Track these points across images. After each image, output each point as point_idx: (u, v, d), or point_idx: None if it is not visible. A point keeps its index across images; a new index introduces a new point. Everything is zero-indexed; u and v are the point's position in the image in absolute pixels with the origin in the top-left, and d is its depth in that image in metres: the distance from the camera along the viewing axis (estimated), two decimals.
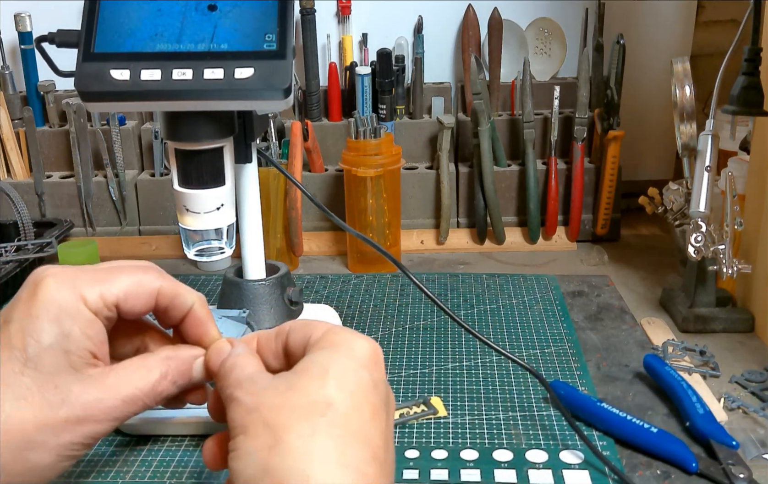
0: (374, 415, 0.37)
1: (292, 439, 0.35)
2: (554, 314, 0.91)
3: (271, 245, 1.05)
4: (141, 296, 0.43)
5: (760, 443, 0.66)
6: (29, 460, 0.39)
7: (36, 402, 0.39)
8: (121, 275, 0.42)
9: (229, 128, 0.67)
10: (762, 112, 0.80)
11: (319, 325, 0.42)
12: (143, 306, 0.43)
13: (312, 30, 1.19)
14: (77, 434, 0.39)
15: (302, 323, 0.42)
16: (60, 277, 0.40)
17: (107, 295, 0.41)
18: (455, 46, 1.27)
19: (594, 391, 0.75)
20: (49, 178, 1.19)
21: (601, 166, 1.14)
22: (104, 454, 0.67)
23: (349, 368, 0.38)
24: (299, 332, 0.42)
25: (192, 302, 0.44)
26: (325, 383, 0.37)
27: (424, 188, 1.16)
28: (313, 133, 1.14)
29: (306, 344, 0.41)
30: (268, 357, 0.43)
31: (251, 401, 0.37)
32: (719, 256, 0.83)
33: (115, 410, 0.40)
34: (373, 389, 0.38)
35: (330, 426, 0.36)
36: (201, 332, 0.45)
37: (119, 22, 0.64)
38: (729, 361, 0.81)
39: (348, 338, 0.40)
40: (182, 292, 0.44)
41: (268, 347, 0.43)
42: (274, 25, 0.63)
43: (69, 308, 0.40)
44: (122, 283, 0.42)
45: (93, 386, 0.40)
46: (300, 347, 0.41)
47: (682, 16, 1.24)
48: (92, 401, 0.40)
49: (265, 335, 0.44)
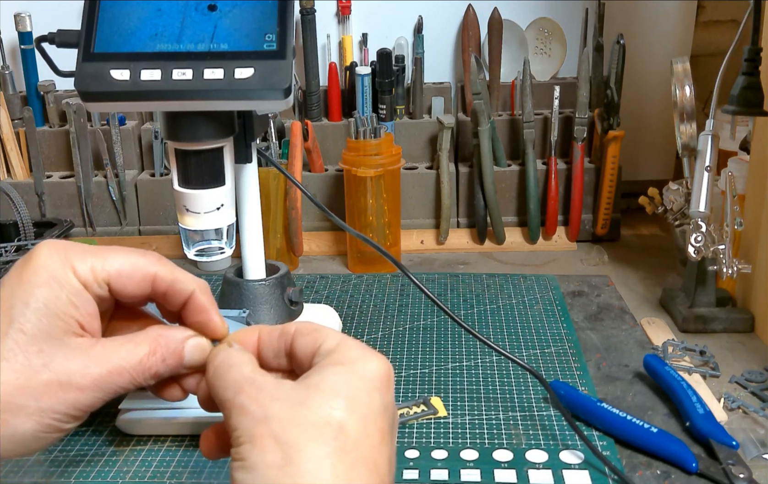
0: (382, 440, 0.37)
1: (302, 461, 0.35)
2: (554, 314, 0.91)
3: (271, 244, 1.05)
4: (134, 277, 0.42)
5: (760, 443, 0.66)
6: (10, 424, 0.38)
7: (18, 364, 0.38)
8: (115, 253, 0.42)
9: (229, 128, 0.67)
10: (762, 112, 0.80)
11: (331, 334, 0.40)
12: (136, 288, 0.42)
13: (312, 30, 1.19)
14: (59, 400, 0.38)
15: (311, 328, 0.41)
16: (53, 246, 0.40)
17: (98, 269, 0.41)
18: (455, 46, 1.27)
19: (594, 391, 0.75)
20: (49, 178, 1.19)
21: (601, 166, 1.14)
22: (104, 454, 0.67)
23: (362, 390, 0.37)
24: (308, 337, 0.40)
25: (192, 288, 0.43)
26: (338, 404, 0.36)
27: (424, 188, 1.16)
28: (313, 133, 1.14)
29: (315, 352, 0.40)
30: (268, 354, 0.42)
31: (259, 411, 0.36)
32: (719, 256, 0.83)
33: (100, 381, 0.39)
34: (383, 413, 0.38)
35: (341, 451, 0.35)
36: (203, 319, 0.43)
37: (119, 22, 0.64)
38: (729, 361, 0.81)
39: (362, 355, 0.39)
40: (181, 277, 0.43)
41: (270, 343, 0.42)
42: (274, 25, 0.63)
43: (57, 275, 0.39)
44: (115, 261, 0.41)
45: (78, 354, 0.39)
46: (308, 354, 0.40)
47: (682, 16, 1.24)
48: (76, 368, 0.39)
49: (268, 331, 0.43)
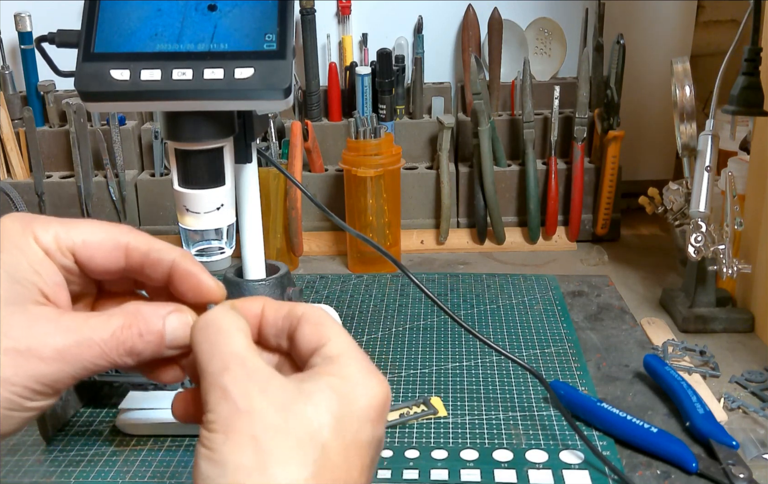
0: (361, 473, 0.35)
1: (277, 474, 0.32)
2: (554, 314, 0.91)
3: (271, 244, 1.05)
4: (103, 247, 0.38)
5: (760, 443, 0.66)
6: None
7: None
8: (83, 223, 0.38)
9: (229, 128, 0.67)
10: (762, 112, 0.80)
11: (336, 336, 0.36)
12: (107, 259, 0.38)
13: (312, 30, 1.19)
14: (18, 370, 0.34)
15: (318, 318, 0.37)
16: (16, 216, 0.38)
17: (62, 238, 0.37)
18: (455, 46, 1.27)
19: (594, 391, 0.75)
20: (49, 178, 1.19)
21: (601, 166, 1.14)
22: (104, 454, 0.67)
23: (354, 417, 0.34)
24: (313, 330, 0.37)
25: (172, 256, 0.38)
26: (326, 421, 0.33)
27: (424, 188, 1.16)
28: (313, 133, 1.14)
29: (316, 350, 0.36)
30: (269, 332, 0.38)
31: (243, 402, 0.33)
32: (719, 256, 0.83)
33: (65, 352, 0.35)
34: (368, 446, 0.35)
35: (319, 472, 0.33)
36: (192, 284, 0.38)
37: (119, 22, 0.64)
38: (729, 361, 0.81)
39: (363, 377, 0.35)
40: (158, 246, 0.38)
41: (274, 321, 0.38)
42: (274, 25, 0.63)
43: (18, 241, 0.36)
44: (82, 230, 0.38)
45: (41, 321, 0.35)
46: (309, 348, 0.37)
47: (682, 16, 1.24)
48: (38, 335, 0.35)
49: (275, 307, 0.38)
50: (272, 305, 0.39)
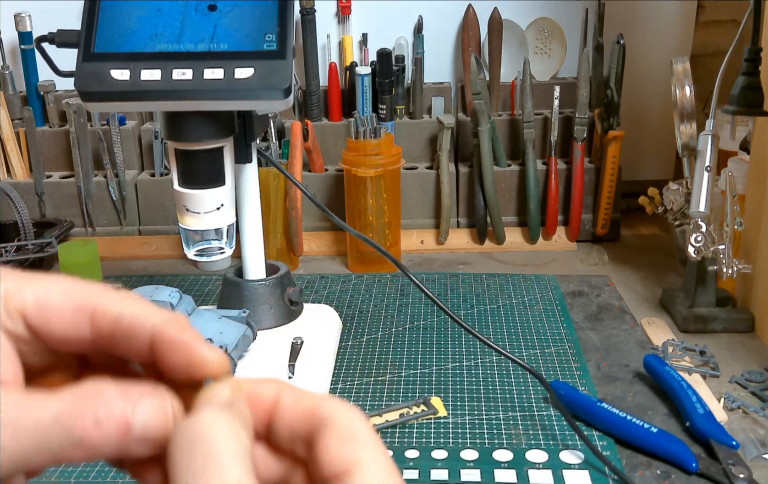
0: None
1: None
2: (554, 314, 0.91)
3: (271, 244, 1.05)
4: (62, 311, 0.29)
5: (760, 443, 0.66)
6: None
7: None
8: (42, 279, 0.29)
9: (229, 128, 0.67)
10: (762, 112, 0.80)
11: (371, 462, 0.27)
12: (66, 325, 0.29)
13: (312, 30, 1.19)
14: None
15: (349, 432, 0.27)
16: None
17: (12, 295, 0.28)
18: (455, 46, 1.27)
19: (594, 391, 0.75)
20: (49, 178, 1.19)
21: (601, 166, 1.14)
22: None
23: None
24: (340, 447, 0.27)
25: (151, 322, 0.28)
26: None
27: (424, 188, 1.16)
28: (313, 133, 1.14)
29: (339, 478, 0.26)
30: (282, 432, 0.28)
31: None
32: (719, 256, 0.83)
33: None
34: None
35: None
36: (182, 357, 0.28)
37: (119, 22, 0.64)
38: (729, 361, 0.81)
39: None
40: (132, 309, 0.29)
41: (291, 419, 0.28)
42: (274, 25, 0.63)
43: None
44: (37, 288, 0.29)
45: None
46: (331, 470, 0.27)
47: (682, 16, 1.24)
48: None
49: (294, 399, 0.28)
50: (290, 394, 0.29)
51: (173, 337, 0.28)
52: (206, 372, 0.29)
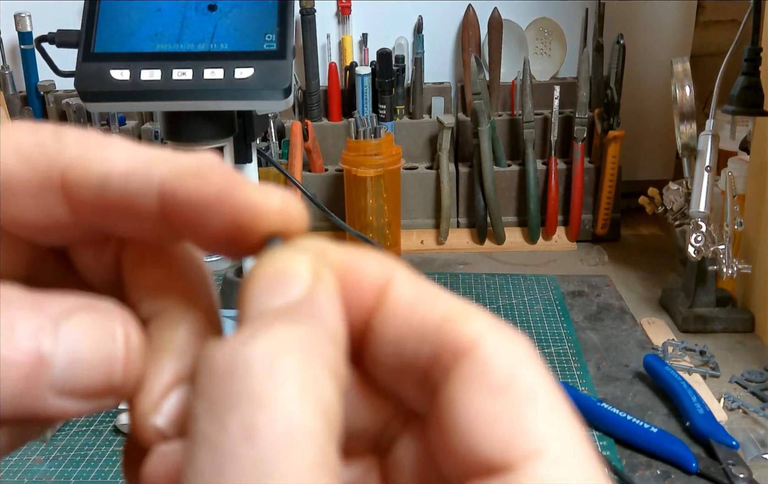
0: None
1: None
2: (554, 314, 0.91)
3: None
4: (21, 182, 0.18)
5: (760, 443, 0.66)
6: None
7: None
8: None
9: (229, 128, 0.67)
10: (762, 112, 0.80)
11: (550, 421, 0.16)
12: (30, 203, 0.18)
13: (312, 30, 1.19)
14: None
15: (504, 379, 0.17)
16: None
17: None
18: (455, 46, 1.27)
19: (594, 391, 0.75)
20: None
21: (601, 166, 1.14)
22: (104, 454, 0.67)
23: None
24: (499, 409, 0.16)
25: (159, 176, 0.17)
26: None
27: (424, 188, 1.16)
28: (313, 133, 1.14)
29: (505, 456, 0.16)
30: (386, 352, 0.17)
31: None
32: (719, 256, 0.83)
33: None
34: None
35: None
36: (216, 221, 0.17)
37: (119, 22, 0.64)
38: (729, 361, 0.81)
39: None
40: (125, 163, 0.17)
41: (403, 334, 0.17)
42: (274, 25, 0.63)
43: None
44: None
45: None
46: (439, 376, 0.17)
47: (682, 16, 1.24)
48: None
49: (413, 295, 0.17)
50: (409, 285, 0.18)
51: (195, 192, 0.17)
52: (264, 227, 0.17)
